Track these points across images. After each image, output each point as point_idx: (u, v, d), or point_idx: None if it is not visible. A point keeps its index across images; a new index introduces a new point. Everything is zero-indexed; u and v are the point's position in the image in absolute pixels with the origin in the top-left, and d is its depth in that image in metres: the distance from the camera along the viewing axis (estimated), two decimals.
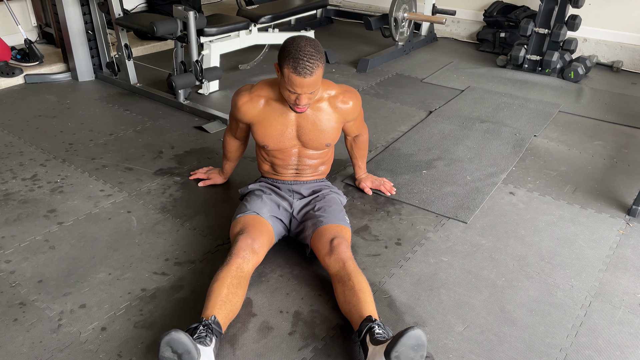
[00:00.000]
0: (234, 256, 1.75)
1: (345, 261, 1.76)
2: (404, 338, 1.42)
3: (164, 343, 1.41)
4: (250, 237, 1.82)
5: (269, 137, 1.97)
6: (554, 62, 3.96)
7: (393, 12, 4.25)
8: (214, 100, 3.53)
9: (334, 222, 1.92)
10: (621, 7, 4.25)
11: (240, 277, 1.71)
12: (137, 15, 3.58)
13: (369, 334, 1.53)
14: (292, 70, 1.69)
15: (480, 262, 2.03)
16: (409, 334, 1.42)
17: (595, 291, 1.90)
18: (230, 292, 1.65)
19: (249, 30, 3.69)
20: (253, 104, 1.94)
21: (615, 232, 2.23)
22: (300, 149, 2.02)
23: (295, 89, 1.73)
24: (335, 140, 2.04)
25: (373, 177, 2.49)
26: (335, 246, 1.80)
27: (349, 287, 1.68)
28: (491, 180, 2.59)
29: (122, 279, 1.90)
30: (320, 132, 1.96)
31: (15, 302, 1.78)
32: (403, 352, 1.43)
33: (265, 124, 1.95)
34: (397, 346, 1.42)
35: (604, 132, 3.15)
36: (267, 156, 2.08)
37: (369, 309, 1.62)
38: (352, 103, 1.99)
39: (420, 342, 1.44)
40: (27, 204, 2.34)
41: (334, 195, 2.10)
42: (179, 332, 1.41)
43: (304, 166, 2.07)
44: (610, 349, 1.66)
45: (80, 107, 3.37)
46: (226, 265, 1.72)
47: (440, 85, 3.86)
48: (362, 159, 2.41)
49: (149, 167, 2.67)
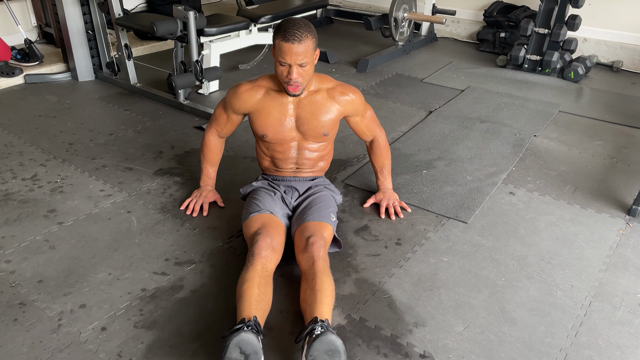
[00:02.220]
0: (256, 256, 1.75)
1: (315, 260, 1.75)
2: (316, 342, 1.43)
3: (233, 344, 1.40)
4: (269, 236, 1.83)
5: (268, 126, 1.99)
6: (554, 62, 3.96)
7: (393, 12, 4.25)
8: (214, 100, 3.53)
9: (316, 220, 1.93)
10: (621, 7, 4.25)
11: (266, 277, 1.71)
12: (137, 15, 3.58)
13: (308, 336, 1.51)
14: (282, 39, 1.77)
15: (480, 262, 2.03)
16: (320, 339, 1.43)
17: (595, 291, 1.90)
18: (261, 291, 1.65)
19: (249, 30, 3.69)
20: (254, 92, 2.00)
21: (615, 232, 2.23)
22: (299, 142, 2.05)
23: (285, 57, 1.79)
24: (333, 130, 2.06)
25: (391, 196, 2.31)
26: (310, 244, 1.80)
27: (311, 287, 1.67)
28: (491, 180, 2.59)
29: (122, 279, 1.90)
30: (318, 121, 1.99)
31: (15, 302, 1.78)
32: (317, 357, 1.43)
33: (264, 112, 1.99)
34: (311, 350, 1.43)
35: (604, 132, 3.15)
36: (267, 151, 2.09)
37: (321, 310, 1.59)
38: (351, 95, 2.03)
39: (333, 348, 1.43)
40: (27, 204, 2.34)
41: (327, 192, 2.11)
42: (248, 333, 1.42)
43: (304, 159, 2.08)
44: (610, 349, 1.66)
45: (80, 107, 3.37)
46: (251, 266, 1.72)
47: (440, 85, 3.86)
48: (382, 169, 2.30)
49: (149, 167, 2.67)
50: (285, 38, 1.77)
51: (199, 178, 2.37)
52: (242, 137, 2.94)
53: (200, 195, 2.30)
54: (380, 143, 2.26)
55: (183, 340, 1.65)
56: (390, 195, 2.32)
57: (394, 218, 2.27)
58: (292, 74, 1.82)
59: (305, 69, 1.84)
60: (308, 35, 1.79)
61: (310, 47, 1.81)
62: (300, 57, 1.79)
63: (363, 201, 2.39)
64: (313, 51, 1.84)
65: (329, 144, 2.14)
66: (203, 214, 2.26)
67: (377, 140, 2.26)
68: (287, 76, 1.84)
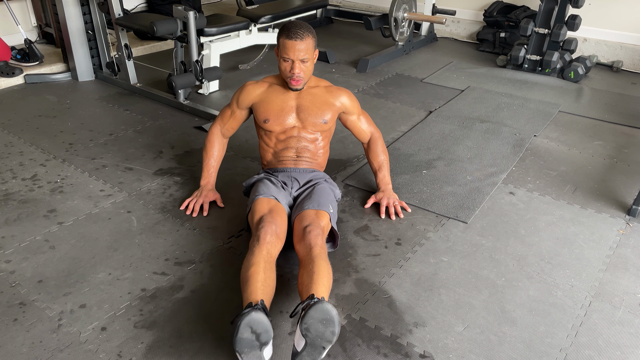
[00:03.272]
0: (261, 241, 1.77)
1: (312, 247, 1.77)
2: (311, 310, 1.45)
3: (244, 324, 1.42)
4: (274, 223, 1.86)
5: (270, 111, 2.13)
6: (554, 62, 3.96)
7: (393, 12, 4.25)
8: (214, 100, 3.53)
9: (314, 208, 1.96)
10: (621, 7, 4.25)
11: (271, 262, 1.74)
12: (137, 15, 3.58)
13: (303, 309, 1.52)
14: (286, 37, 1.98)
15: (480, 262, 2.03)
16: (315, 307, 1.45)
17: (595, 291, 1.90)
18: (266, 276, 1.67)
19: (249, 30, 3.69)
20: (258, 86, 2.19)
21: (615, 232, 2.23)
22: (299, 130, 2.15)
23: (289, 53, 1.98)
24: (330, 122, 2.16)
25: (391, 195, 2.32)
26: (307, 233, 1.83)
27: (307, 270, 1.69)
28: (491, 180, 2.59)
29: (122, 279, 1.90)
30: (317, 108, 2.14)
31: (15, 302, 1.78)
32: (312, 325, 1.44)
33: (267, 101, 2.16)
34: (306, 318, 1.45)
35: (604, 132, 3.15)
36: (270, 141, 2.19)
37: (318, 289, 1.60)
38: (345, 92, 2.22)
39: (328, 317, 1.44)
40: (27, 204, 2.34)
41: (327, 185, 2.14)
42: (258, 312, 1.43)
43: (303, 148, 2.17)
44: (610, 349, 1.66)
45: (80, 107, 3.37)
46: (257, 250, 1.74)
47: (440, 85, 3.86)
48: (381, 168, 2.33)
49: (149, 167, 2.67)
50: (289, 36, 1.97)
51: (199, 178, 2.37)
52: (242, 137, 2.94)
53: (201, 194, 2.31)
54: (378, 141, 2.33)
55: (183, 340, 1.65)
56: (390, 195, 2.33)
57: (394, 218, 2.27)
58: (295, 68, 2.01)
59: (306, 64, 2.03)
60: (309, 34, 2.00)
61: (311, 46, 2.01)
62: (302, 53, 1.98)
63: (363, 201, 2.39)
64: (313, 50, 2.03)
65: (325, 138, 2.22)
66: (203, 214, 2.26)
67: (375, 139, 2.33)
68: (290, 71, 2.02)
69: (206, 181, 2.34)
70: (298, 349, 1.47)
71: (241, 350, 1.44)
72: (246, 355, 1.44)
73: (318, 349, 1.46)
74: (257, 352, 1.45)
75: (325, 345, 1.46)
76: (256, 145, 2.73)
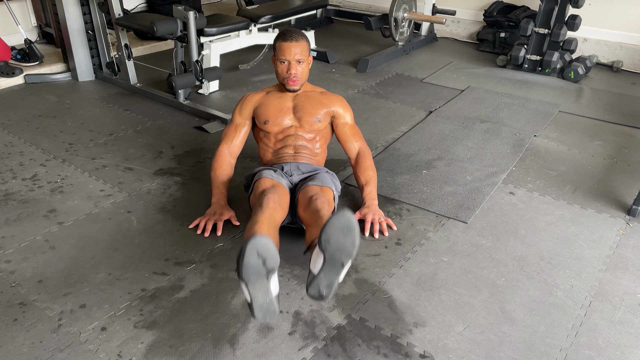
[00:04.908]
0: (265, 206, 1.78)
1: (319, 209, 1.79)
2: (333, 218, 1.44)
3: (251, 247, 1.38)
4: (277, 193, 1.89)
5: (269, 113, 2.21)
6: (554, 62, 3.96)
7: (393, 12, 4.25)
8: (214, 100, 3.54)
9: (319, 184, 2.00)
10: (621, 7, 4.25)
11: (274, 226, 1.75)
12: (137, 15, 3.58)
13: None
14: (281, 40, 2.11)
15: (480, 262, 2.03)
16: (337, 215, 1.45)
17: (595, 291, 1.90)
18: (270, 233, 1.68)
19: (249, 30, 3.69)
20: (257, 94, 2.32)
21: (615, 232, 2.23)
22: (296, 129, 2.22)
23: (285, 54, 2.11)
24: (323, 118, 2.23)
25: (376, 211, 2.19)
26: (313, 200, 1.85)
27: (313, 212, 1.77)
28: (491, 180, 2.59)
29: (122, 279, 1.90)
30: (311, 107, 2.23)
31: (15, 302, 1.78)
32: (332, 235, 1.43)
33: (266, 104, 2.25)
34: (327, 227, 1.44)
35: (604, 132, 3.15)
36: (269, 142, 2.25)
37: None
38: (337, 97, 2.32)
39: (349, 225, 1.44)
40: (27, 204, 2.34)
41: (328, 175, 2.16)
42: (265, 237, 1.41)
43: (301, 146, 2.22)
44: (610, 349, 1.66)
45: (80, 107, 3.37)
46: (260, 213, 1.75)
47: (440, 85, 3.86)
48: (368, 183, 2.23)
49: (149, 167, 2.67)
50: (285, 39, 2.11)
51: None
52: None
53: (214, 213, 2.17)
54: (367, 156, 2.29)
55: (183, 340, 1.65)
56: (376, 211, 2.19)
57: (377, 236, 2.13)
58: (292, 68, 2.13)
59: (302, 66, 2.16)
60: (303, 38, 2.14)
61: (306, 48, 2.14)
62: (298, 54, 2.11)
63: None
64: (308, 52, 2.16)
65: (322, 139, 2.28)
66: (217, 233, 2.13)
67: (364, 154, 2.29)
68: (287, 72, 2.14)
69: (217, 198, 2.22)
70: (315, 271, 1.45)
71: (248, 278, 1.39)
72: (252, 285, 1.40)
73: (336, 267, 1.44)
74: (264, 281, 1.41)
75: (345, 260, 1.43)
76: (256, 145, 2.72)
